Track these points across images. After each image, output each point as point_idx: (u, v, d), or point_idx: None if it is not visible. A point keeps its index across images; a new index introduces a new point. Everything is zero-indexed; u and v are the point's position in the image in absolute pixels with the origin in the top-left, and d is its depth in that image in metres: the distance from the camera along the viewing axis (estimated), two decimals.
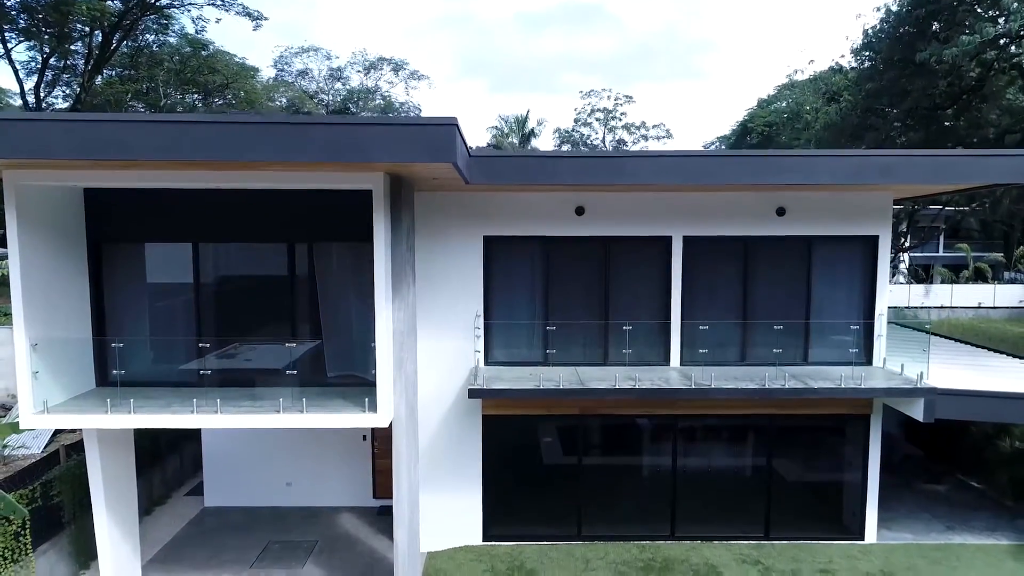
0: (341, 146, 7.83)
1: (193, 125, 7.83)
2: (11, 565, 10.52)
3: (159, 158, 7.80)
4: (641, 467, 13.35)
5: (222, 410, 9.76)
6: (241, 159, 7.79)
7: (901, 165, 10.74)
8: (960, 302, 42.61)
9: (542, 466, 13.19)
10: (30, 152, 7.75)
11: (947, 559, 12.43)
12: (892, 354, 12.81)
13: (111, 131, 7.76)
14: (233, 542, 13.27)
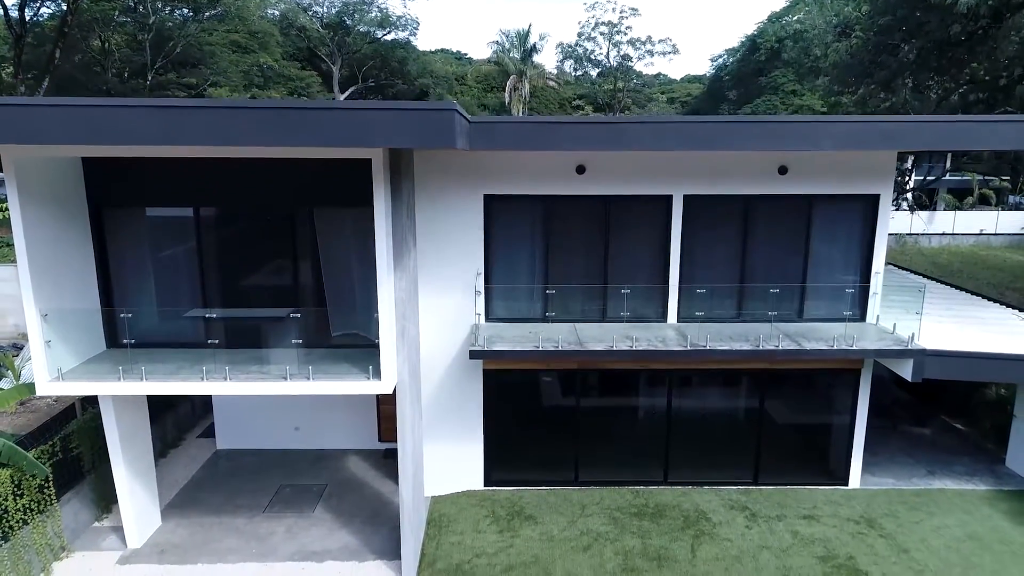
0: (340, 131, 7.76)
1: (191, 111, 7.73)
2: (38, 516, 11.12)
3: (157, 143, 7.76)
4: (636, 415, 13.80)
5: (231, 377, 10.04)
6: (239, 144, 7.75)
7: (906, 131, 10.60)
8: (962, 228, 42.56)
9: (541, 415, 13.64)
10: (26, 138, 7.71)
11: (925, 505, 13.06)
12: (887, 303, 12.95)
13: (108, 116, 7.68)
14: (246, 486, 13.91)
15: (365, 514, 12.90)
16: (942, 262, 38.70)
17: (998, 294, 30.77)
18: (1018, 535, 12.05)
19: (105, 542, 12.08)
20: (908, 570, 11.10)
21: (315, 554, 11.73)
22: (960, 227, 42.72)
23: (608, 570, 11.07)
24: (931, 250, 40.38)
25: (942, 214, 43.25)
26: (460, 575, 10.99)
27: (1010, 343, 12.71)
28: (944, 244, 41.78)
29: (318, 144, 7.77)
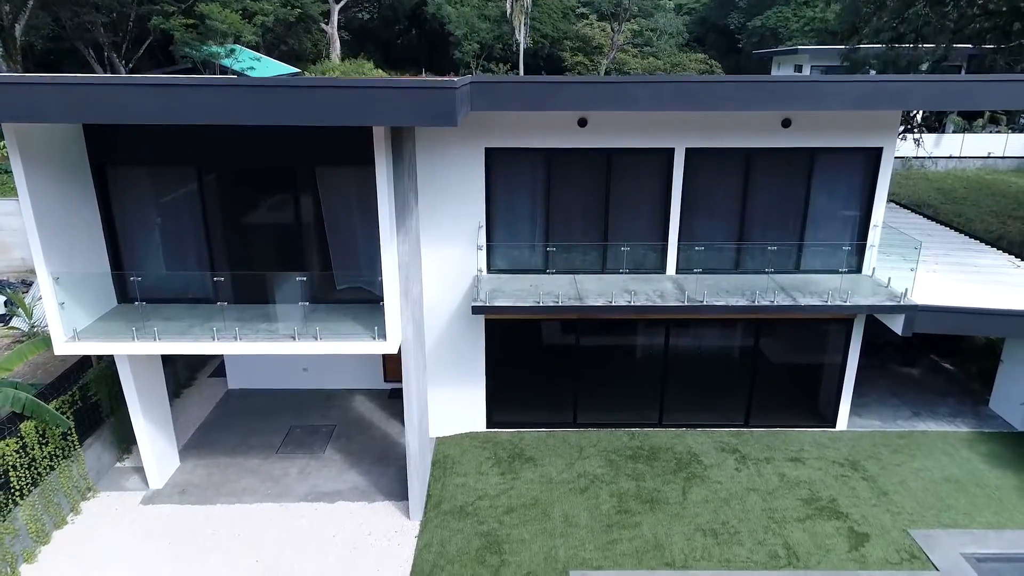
0: (340, 109, 7.75)
1: (191, 89, 7.69)
2: (63, 461, 11.73)
3: (155, 121, 7.76)
4: (634, 359, 14.22)
5: (241, 337, 10.37)
6: (239, 122, 7.74)
7: (912, 91, 10.48)
8: (970, 152, 41.95)
9: (541, 360, 14.03)
10: (25, 117, 7.72)
11: (908, 447, 13.67)
12: (884, 250, 13.09)
13: (106, 95, 7.64)
14: (258, 426, 14.53)
15: (373, 455, 13.55)
16: (946, 187, 38.42)
17: (999, 223, 30.82)
18: (993, 478, 12.67)
19: (128, 482, 12.77)
20: (886, 512, 11.77)
21: (327, 495, 12.41)
22: (968, 150, 42.08)
23: (603, 512, 11.75)
24: (936, 175, 40.01)
25: (950, 137, 42.49)
26: (464, 516, 11.68)
27: (1002, 295, 12.94)
28: (950, 168, 41.33)
29: (318, 123, 7.79)
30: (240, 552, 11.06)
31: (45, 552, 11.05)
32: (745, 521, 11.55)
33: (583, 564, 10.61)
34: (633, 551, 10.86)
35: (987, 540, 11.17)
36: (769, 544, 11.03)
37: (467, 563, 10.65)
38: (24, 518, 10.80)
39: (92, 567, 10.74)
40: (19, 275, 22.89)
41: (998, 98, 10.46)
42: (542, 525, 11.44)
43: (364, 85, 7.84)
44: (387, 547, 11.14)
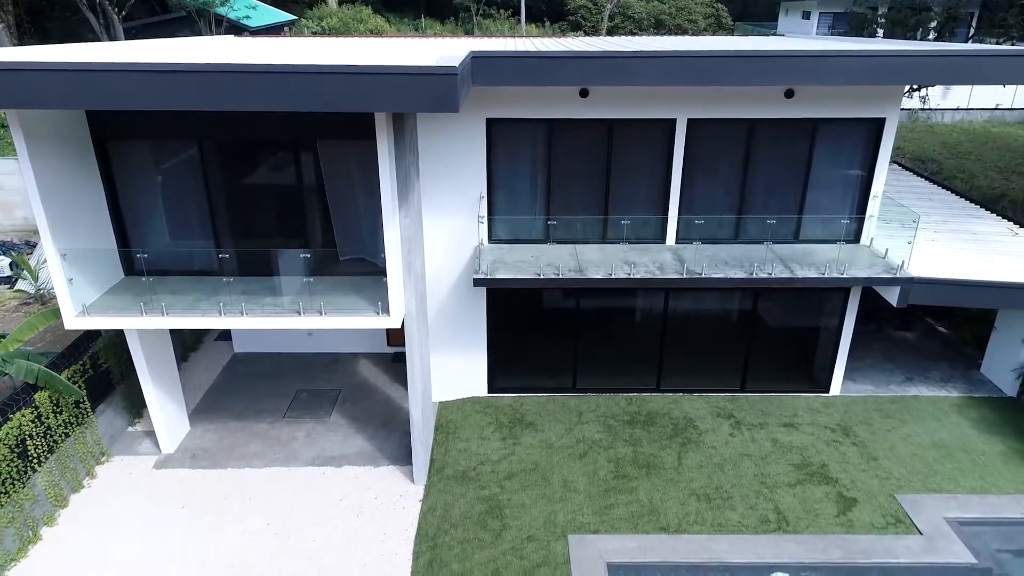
0: (340, 96, 7.76)
1: (193, 75, 7.67)
2: (77, 428, 12.09)
3: (157, 107, 7.76)
4: (633, 325, 14.43)
5: (248, 312, 10.57)
6: (240, 107, 7.75)
7: (917, 66, 10.38)
8: (978, 104, 41.33)
9: (542, 326, 14.25)
10: (26, 103, 7.72)
11: (899, 412, 14.02)
12: (883, 215, 13.17)
13: (108, 81, 7.63)
14: (265, 390, 14.88)
15: (378, 420, 13.91)
16: (952, 141, 38.04)
17: (1003, 179, 30.65)
18: (980, 443, 13.05)
19: (140, 446, 13.17)
20: (874, 477, 12.17)
21: (333, 459, 12.82)
22: (976, 102, 41.45)
23: (601, 477, 12.16)
24: (942, 127, 39.54)
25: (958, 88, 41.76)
26: (467, 481, 12.10)
27: (997, 265, 13.06)
28: (957, 120, 40.81)
29: (318, 109, 7.80)
30: (251, 516, 11.50)
31: (64, 515, 11.49)
32: (738, 486, 11.96)
33: (581, 528, 11.05)
34: (629, 516, 11.29)
35: (970, 505, 11.59)
36: (760, 508, 11.45)
37: (470, 527, 11.09)
38: (42, 484, 11.21)
39: (109, 530, 11.20)
40: (21, 234, 22.99)
41: (1005, 74, 10.36)
42: (542, 490, 11.85)
43: (365, 72, 7.80)
44: (392, 511, 11.57)
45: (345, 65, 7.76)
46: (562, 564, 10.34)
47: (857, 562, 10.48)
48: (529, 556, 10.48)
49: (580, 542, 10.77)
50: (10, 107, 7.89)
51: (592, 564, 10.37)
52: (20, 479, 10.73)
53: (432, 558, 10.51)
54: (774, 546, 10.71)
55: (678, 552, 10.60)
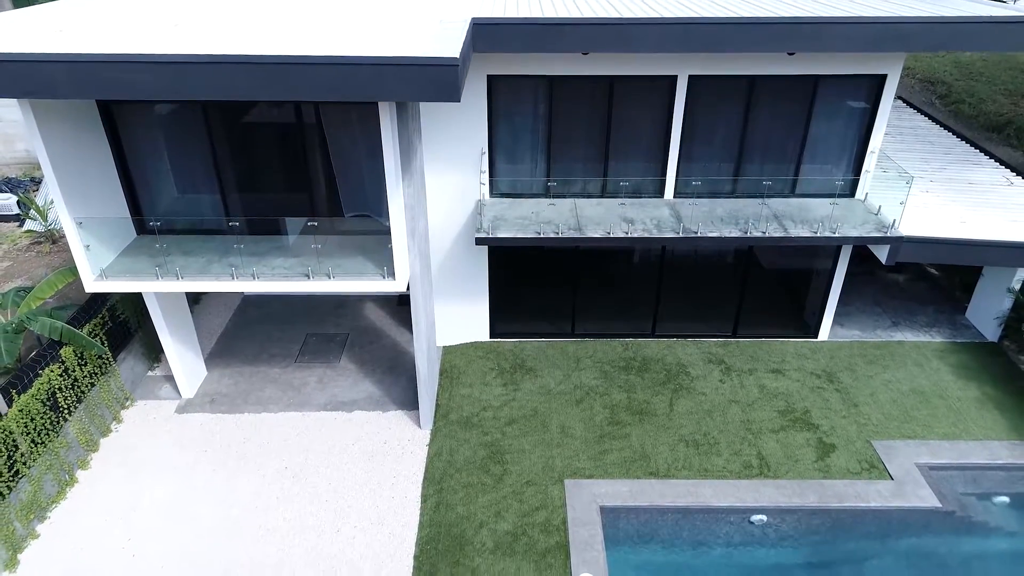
0: (343, 85, 7.89)
1: (200, 67, 7.77)
2: (101, 378, 12.79)
3: (163, 97, 7.97)
4: (630, 271, 14.86)
5: (259, 276, 11.01)
6: (244, 97, 7.91)
7: (921, 32, 10.33)
8: None
9: (542, 273, 14.65)
10: (36, 93, 7.86)
11: (883, 358, 14.67)
12: (884, 156, 13.37)
13: (115, 72, 7.74)
14: (276, 334, 15.51)
15: (384, 365, 14.61)
16: (964, 61, 37.12)
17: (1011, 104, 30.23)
18: (956, 389, 13.75)
19: (161, 391, 13.92)
20: (854, 423, 12.94)
21: (344, 404, 13.59)
22: None
23: (596, 423, 12.94)
24: None
25: None
26: (470, 427, 12.89)
27: (988, 220, 13.35)
28: None
29: (322, 99, 7.99)
30: (270, 459, 12.35)
31: (95, 458, 12.36)
32: (724, 432, 12.75)
33: (576, 473, 11.91)
34: (622, 461, 12.13)
35: (940, 451, 12.40)
36: (744, 454, 12.27)
37: (473, 471, 11.95)
38: (74, 431, 12.00)
39: (139, 472, 12.08)
40: (24, 167, 23.07)
41: (1014, 40, 10.32)
42: (541, 436, 12.65)
43: (367, 62, 7.88)
44: (401, 455, 12.42)
45: (347, 56, 7.85)
46: (559, 507, 11.24)
47: (830, 506, 11.36)
48: (528, 500, 11.37)
49: (576, 486, 11.64)
50: (20, 96, 8.04)
51: (586, 507, 11.26)
52: (54, 429, 11.49)
53: (439, 501, 11.41)
54: (755, 491, 11.57)
55: (666, 496, 11.47)
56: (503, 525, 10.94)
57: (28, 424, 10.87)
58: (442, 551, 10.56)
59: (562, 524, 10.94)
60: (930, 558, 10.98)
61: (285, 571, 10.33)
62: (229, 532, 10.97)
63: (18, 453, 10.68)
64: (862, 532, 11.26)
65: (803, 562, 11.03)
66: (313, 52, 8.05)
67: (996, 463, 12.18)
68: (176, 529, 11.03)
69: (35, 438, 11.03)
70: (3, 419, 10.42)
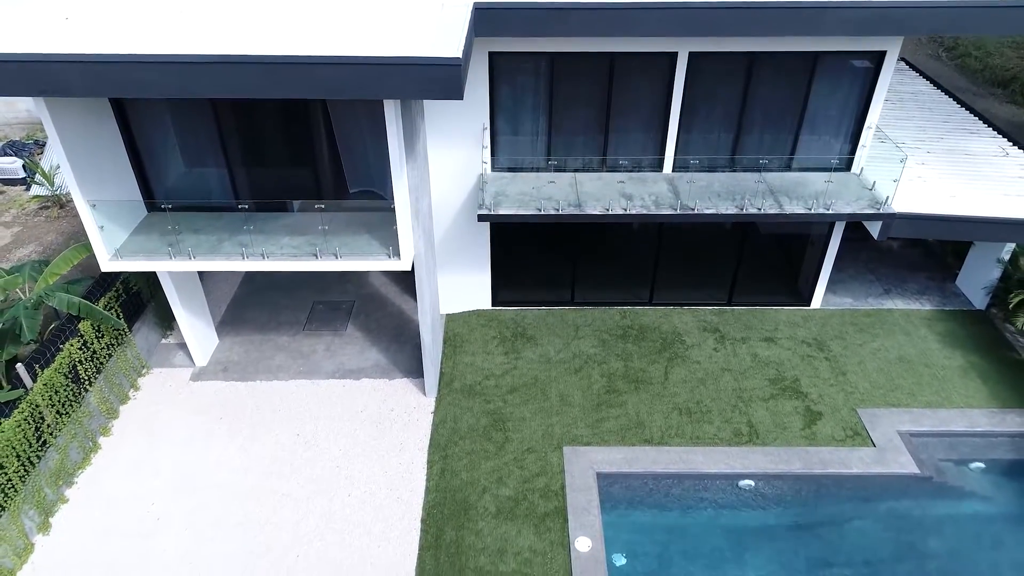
0: (350, 85, 8.10)
1: (210, 67, 7.96)
2: (118, 348, 13.30)
3: (177, 95, 8.17)
4: (629, 240, 15.17)
5: (268, 256, 11.37)
6: (253, 96, 8.14)
7: (916, 16, 10.40)
8: None
9: (543, 242, 14.98)
10: (51, 92, 8.08)
11: (872, 326, 15.13)
12: (881, 127, 13.53)
13: (127, 72, 7.94)
14: (283, 302, 15.96)
15: (390, 333, 15.10)
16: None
17: (1018, 58, 29.91)
18: (941, 358, 14.26)
19: (176, 358, 14.45)
20: (840, 392, 13.49)
21: (352, 372, 14.13)
22: None
23: (594, 392, 13.50)
24: None
25: None
26: (473, 395, 13.46)
27: (980, 194, 13.60)
28: None
29: (328, 97, 8.23)
30: (282, 426, 12.97)
31: (116, 425, 12.98)
32: (717, 400, 13.31)
33: (575, 441, 12.52)
34: (618, 429, 12.73)
35: (922, 418, 12.97)
36: (735, 422, 12.86)
37: (476, 439, 12.56)
38: (95, 400, 12.57)
39: (158, 437, 12.71)
40: (26, 127, 23.12)
41: (1012, 24, 10.40)
42: (540, 404, 13.23)
43: (371, 62, 8.06)
44: (407, 422, 13.02)
45: (351, 56, 8.03)
46: (558, 474, 11.89)
47: (814, 472, 12.01)
48: (529, 466, 12.01)
49: (574, 453, 12.27)
50: (35, 95, 8.26)
51: (583, 473, 11.91)
52: (76, 399, 12.06)
53: (444, 467, 12.06)
54: (743, 457, 12.20)
55: (659, 463, 12.11)
56: (505, 491, 11.60)
57: (52, 397, 11.43)
58: (447, 515, 11.24)
59: (560, 490, 11.60)
60: (907, 521, 11.66)
61: (302, 533, 11.03)
62: (247, 496, 11.65)
63: (44, 424, 11.26)
64: (844, 497, 11.94)
65: (787, 524, 11.72)
66: (318, 50, 8.23)
67: (974, 430, 12.77)
68: (196, 493, 11.71)
69: (59, 409, 11.61)
70: (30, 393, 10.96)
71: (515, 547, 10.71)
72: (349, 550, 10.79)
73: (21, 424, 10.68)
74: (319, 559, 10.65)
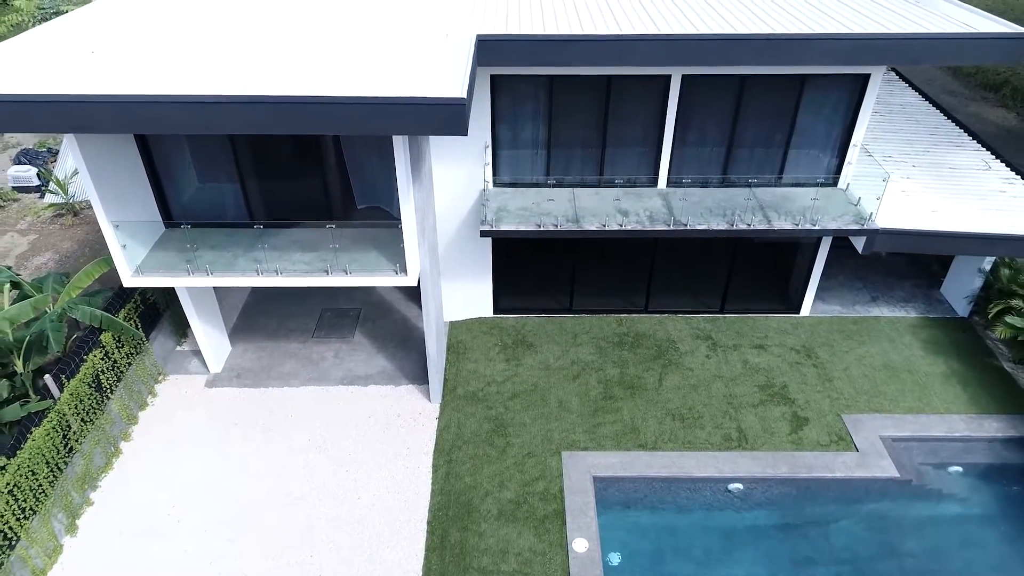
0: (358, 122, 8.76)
1: (230, 106, 8.54)
2: (137, 357, 13.93)
3: (198, 132, 8.78)
4: (626, 251, 15.73)
5: (281, 272, 11.99)
6: (269, 132, 8.74)
7: (896, 47, 10.97)
8: None
9: (542, 252, 15.55)
10: (81, 128, 8.68)
11: (859, 333, 15.76)
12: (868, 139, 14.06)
13: (155, 111, 8.53)
14: (293, 309, 16.58)
15: (396, 340, 15.73)
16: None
17: None
18: (924, 365, 14.88)
19: (191, 365, 15.09)
20: (827, 398, 14.13)
21: (360, 378, 14.77)
22: None
23: (591, 398, 14.14)
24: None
25: None
26: (476, 401, 14.10)
27: (961, 208, 14.19)
28: None
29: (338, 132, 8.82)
30: (294, 430, 13.61)
31: (136, 431, 13.63)
32: (708, 406, 13.95)
33: (572, 445, 13.17)
34: (614, 434, 13.37)
35: (903, 424, 13.61)
36: (725, 427, 13.50)
37: (479, 444, 13.21)
38: (117, 408, 13.22)
39: (176, 443, 13.35)
40: (39, 137, 23.64)
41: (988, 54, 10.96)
42: (540, 410, 13.87)
43: (380, 103, 8.65)
44: (413, 427, 13.66)
45: (363, 97, 8.62)
46: (556, 477, 12.54)
47: (800, 476, 12.65)
48: (529, 470, 12.66)
49: (571, 458, 12.92)
50: (67, 132, 8.86)
51: (581, 477, 12.56)
52: (99, 407, 12.71)
53: (448, 471, 12.71)
54: (732, 462, 12.85)
55: (652, 467, 12.76)
56: (506, 494, 12.26)
57: (78, 405, 12.07)
58: (452, 517, 11.90)
59: (559, 493, 12.25)
60: (887, 522, 12.31)
61: (314, 534, 11.69)
62: (262, 499, 12.31)
63: (71, 431, 11.91)
64: (828, 499, 12.60)
65: (774, 525, 12.37)
66: (332, 89, 8.83)
67: (953, 435, 13.41)
68: (214, 496, 12.37)
69: (84, 417, 12.25)
70: (58, 403, 11.60)
71: (516, 548, 11.37)
72: (359, 550, 11.45)
73: (50, 432, 11.33)
74: (331, 559, 11.32)
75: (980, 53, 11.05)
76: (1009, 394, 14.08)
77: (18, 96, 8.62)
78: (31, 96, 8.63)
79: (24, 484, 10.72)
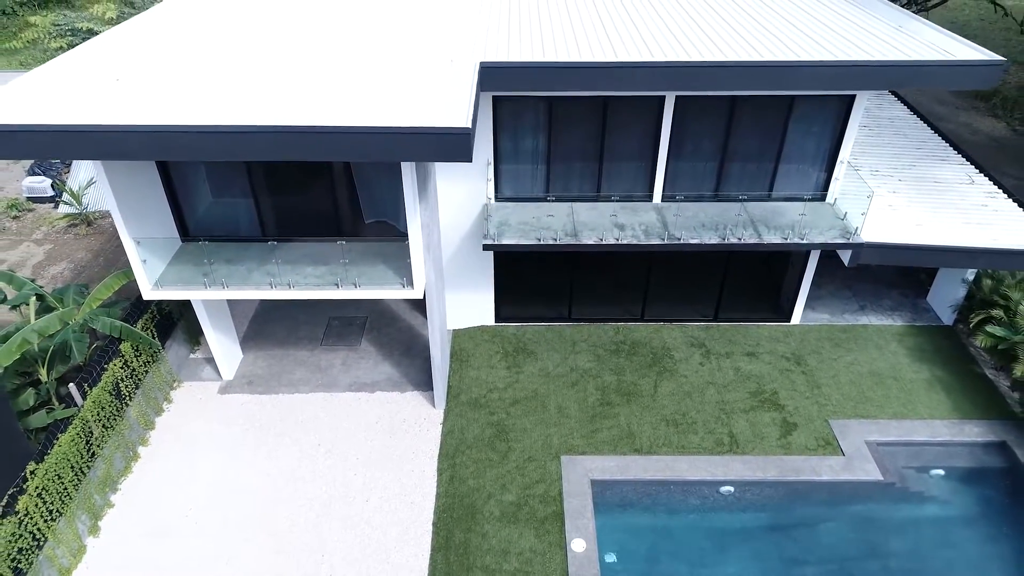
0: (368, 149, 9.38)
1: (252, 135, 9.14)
2: (154, 365, 14.54)
3: (222, 159, 9.38)
4: (623, 261, 16.29)
5: (294, 285, 12.59)
6: (288, 159, 9.36)
7: (878, 73, 11.58)
8: None
9: (542, 263, 16.12)
10: (114, 156, 9.29)
11: (847, 341, 16.36)
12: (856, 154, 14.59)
13: (179, 140, 9.13)
14: (301, 317, 17.18)
15: (401, 348, 16.33)
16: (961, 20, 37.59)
17: None
18: (910, 372, 15.49)
19: (204, 372, 15.69)
20: (815, 404, 14.73)
21: (367, 385, 15.37)
22: None
23: (589, 404, 14.74)
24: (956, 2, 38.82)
25: None
26: (479, 407, 14.70)
27: (944, 222, 14.79)
28: None
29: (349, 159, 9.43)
30: (304, 436, 14.21)
31: (153, 436, 14.22)
32: (701, 412, 14.55)
33: (571, 450, 13.77)
34: (610, 439, 13.97)
35: (888, 429, 14.21)
36: (717, 433, 14.11)
37: (482, 448, 13.81)
38: (135, 414, 13.82)
39: (192, 448, 13.95)
40: None
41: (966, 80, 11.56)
42: (540, 416, 14.47)
43: (390, 131, 9.26)
44: (418, 432, 14.26)
45: (373, 127, 9.23)
46: (556, 481, 13.14)
47: (788, 479, 13.25)
48: (529, 474, 13.26)
49: (570, 462, 13.52)
50: (97, 159, 9.45)
51: (579, 481, 13.16)
52: (118, 414, 13.31)
53: (453, 475, 13.31)
54: (724, 465, 13.45)
55: (648, 471, 13.36)
56: (508, 496, 12.86)
57: (99, 412, 12.67)
58: (456, 519, 12.50)
59: (558, 495, 12.85)
60: (871, 523, 12.91)
61: (324, 536, 12.29)
62: (275, 501, 12.91)
63: (93, 437, 12.51)
64: (814, 501, 13.20)
65: (763, 526, 12.99)
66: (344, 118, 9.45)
67: (935, 440, 14.01)
68: (229, 499, 12.96)
69: (105, 423, 12.85)
70: (81, 411, 12.20)
71: (517, 548, 11.97)
72: (368, 551, 12.05)
73: (75, 438, 11.93)
74: (342, 559, 11.92)
75: (957, 79, 11.65)
76: (990, 400, 14.68)
77: (51, 127, 9.21)
78: (64, 126, 9.21)
79: (51, 487, 11.32)
